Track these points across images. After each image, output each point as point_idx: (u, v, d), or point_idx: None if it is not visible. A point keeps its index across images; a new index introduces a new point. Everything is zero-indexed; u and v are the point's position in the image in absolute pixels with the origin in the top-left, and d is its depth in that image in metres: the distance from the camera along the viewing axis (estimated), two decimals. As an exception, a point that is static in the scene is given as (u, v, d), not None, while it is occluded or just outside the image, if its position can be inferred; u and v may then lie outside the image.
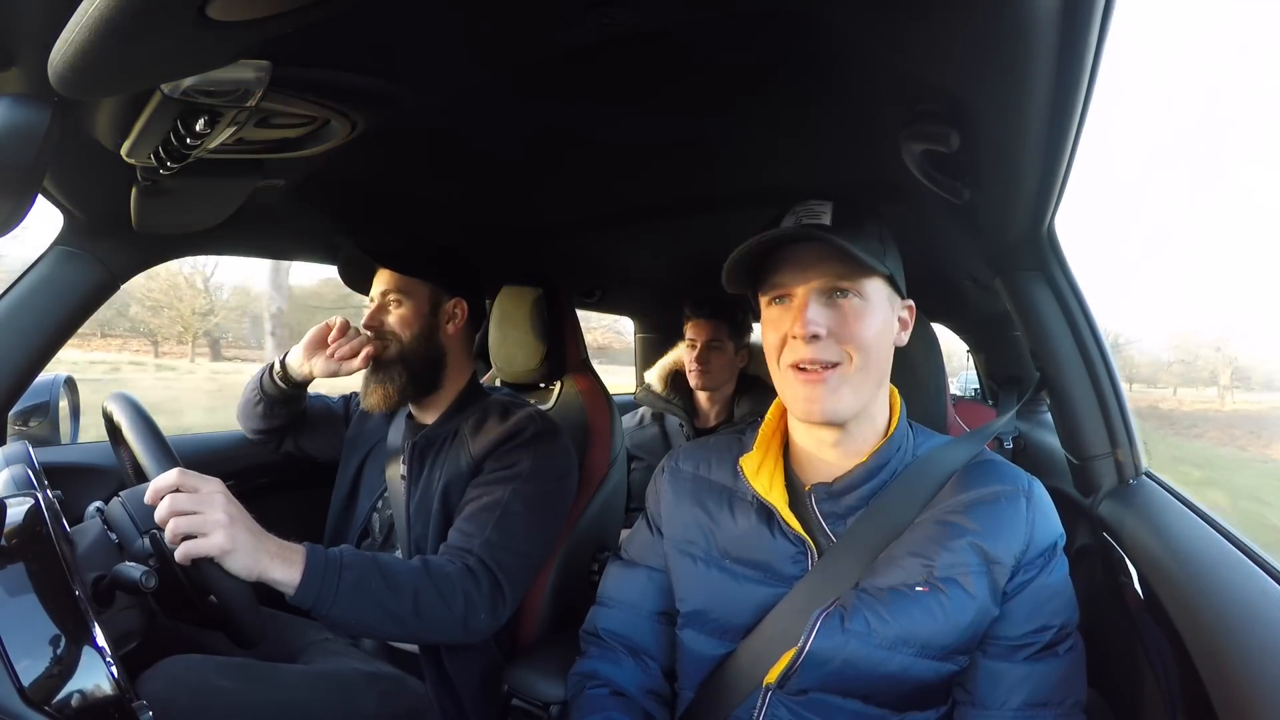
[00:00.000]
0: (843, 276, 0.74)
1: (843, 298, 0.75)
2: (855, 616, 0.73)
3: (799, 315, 0.74)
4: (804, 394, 0.75)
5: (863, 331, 0.74)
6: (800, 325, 0.73)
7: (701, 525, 0.84)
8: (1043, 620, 0.73)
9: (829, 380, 0.74)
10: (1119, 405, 1.06)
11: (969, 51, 0.63)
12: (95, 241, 1.03)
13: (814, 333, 0.73)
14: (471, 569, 0.98)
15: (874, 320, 0.75)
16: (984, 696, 0.74)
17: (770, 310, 0.79)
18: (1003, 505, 0.76)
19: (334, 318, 1.18)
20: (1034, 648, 0.73)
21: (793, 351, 0.75)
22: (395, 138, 0.99)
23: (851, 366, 0.74)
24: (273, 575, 0.82)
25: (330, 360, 1.16)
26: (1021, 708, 0.72)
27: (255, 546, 0.80)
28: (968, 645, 0.74)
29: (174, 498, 0.76)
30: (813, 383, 0.75)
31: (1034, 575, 0.74)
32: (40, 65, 0.48)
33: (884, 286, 0.77)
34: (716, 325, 1.86)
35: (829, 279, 0.74)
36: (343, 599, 0.86)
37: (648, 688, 0.87)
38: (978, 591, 0.72)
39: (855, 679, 0.74)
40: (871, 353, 0.75)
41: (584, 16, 0.65)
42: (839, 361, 0.74)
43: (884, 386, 0.80)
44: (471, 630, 0.98)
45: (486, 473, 1.09)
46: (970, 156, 0.80)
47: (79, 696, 0.62)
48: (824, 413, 0.75)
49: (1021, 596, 0.74)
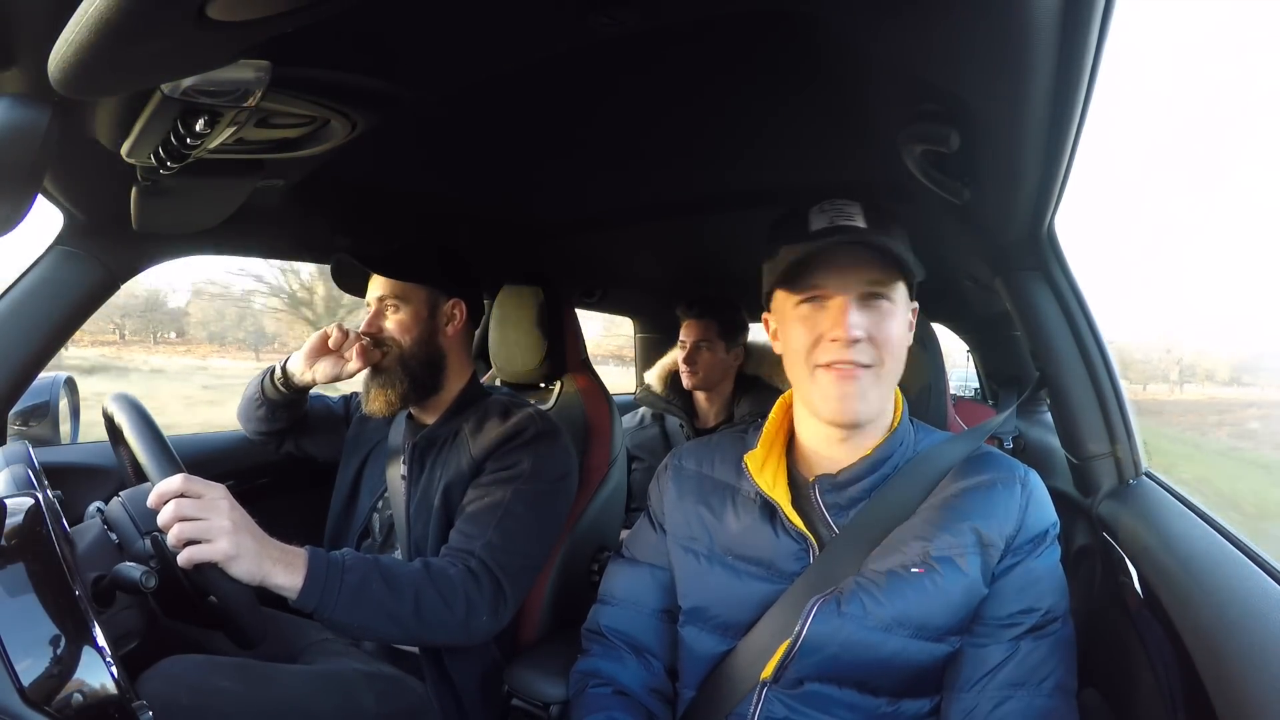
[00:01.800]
0: (879, 281, 0.76)
1: (877, 301, 0.76)
2: (851, 600, 0.74)
3: (840, 319, 0.74)
4: (837, 393, 0.76)
5: (893, 334, 0.76)
6: (843, 329, 0.74)
7: (704, 522, 0.85)
8: (1028, 602, 0.74)
9: (862, 380, 0.75)
10: (1119, 405, 1.06)
11: (969, 51, 0.63)
12: (95, 241, 1.03)
13: (855, 337, 0.74)
14: (473, 571, 0.98)
15: (900, 323, 0.77)
16: (965, 679, 0.74)
17: (800, 309, 0.78)
18: (998, 490, 0.77)
19: (331, 325, 1.17)
20: (1019, 628, 0.74)
21: (827, 352, 0.76)
22: (395, 138, 0.98)
23: (884, 369, 0.76)
24: (276, 580, 0.82)
25: (333, 365, 1.15)
26: (1002, 686, 0.73)
27: (258, 552, 0.81)
28: (960, 625, 0.75)
29: (178, 503, 0.77)
30: (847, 381, 0.75)
31: (1023, 559, 0.75)
32: (40, 65, 0.48)
33: (904, 289, 0.79)
34: (706, 325, 1.86)
35: (866, 282, 0.75)
36: (345, 602, 0.86)
37: (650, 686, 0.87)
38: (970, 569, 0.73)
39: (851, 665, 0.74)
40: (899, 356, 0.78)
41: (584, 16, 0.65)
42: (872, 364, 0.76)
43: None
44: (473, 632, 0.97)
45: (487, 473, 1.09)
46: (970, 156, 0.80)
47: (79, 696, 0.62)
48: (856, 412, 0.76)
49: (1009, 578, 0.75)
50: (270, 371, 1.25)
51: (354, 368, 1.14)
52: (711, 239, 1.74)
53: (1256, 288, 63.27)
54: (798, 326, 0.78)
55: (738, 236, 1.62)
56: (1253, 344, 29.48)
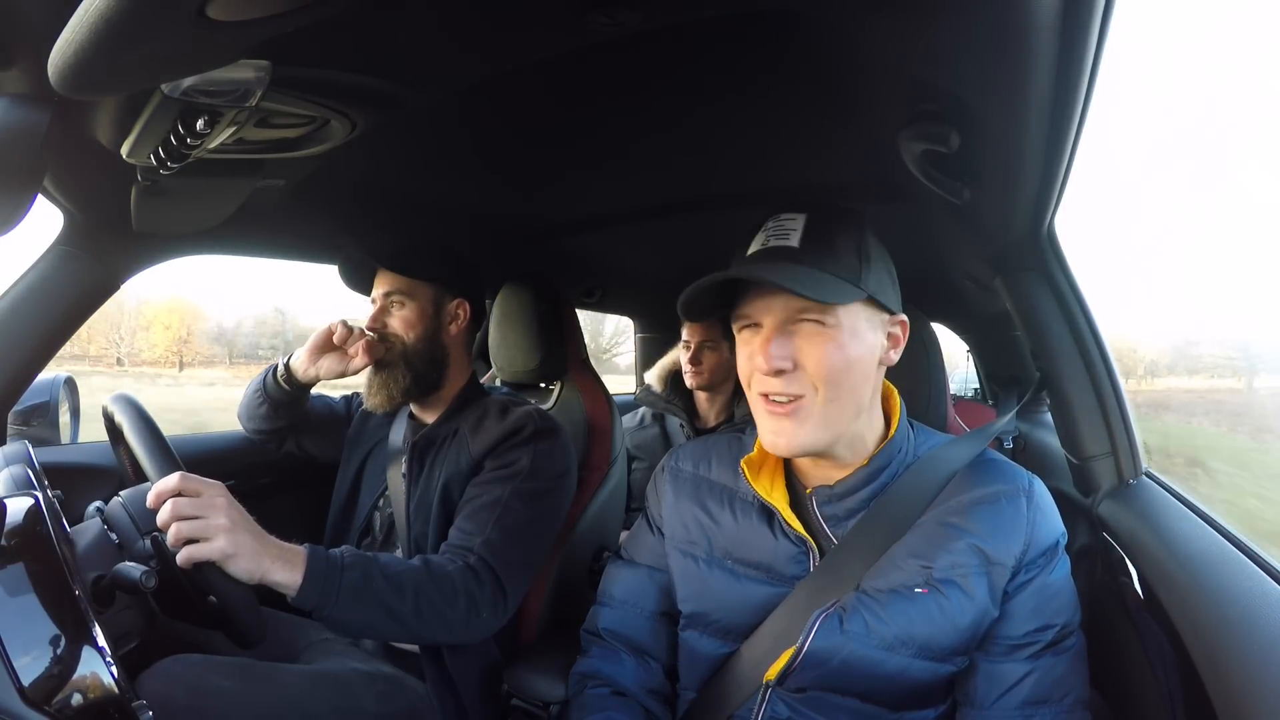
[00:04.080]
0: (808, 307, 0.70)
1: (810, 325, 0.71)
2: (854, 617, 0.73)
3: (763, 349, 0.71)
4: (771, 427, 0.74)
5: (830, 362, 0.70)
6: (764, 359, 0.71)
7: (702, 525, 0.84)
8: (1045, 619, 0.73)
9: (795, 414, 0.72)
10: (1119, 405, 1.06)
11: (969, 51, 0.63)
12: (95, 241, 1.03)
13: (777, 367, 0.70)
14: (473, 568, 0.98)
15: (845, 348, 0.71)
16: (983, 697, 0.74)
17: (741, 335, 0.76)
18: (1003, 505, 0.75)
19: (334, 322, 1.18)
20: (1036, 646, 0.73)
21: (759, 383, 0.73)
22: (395, 138, 0.99)
23: (819, 398, 0.71)
24: (275, 578, 0.82)
25: (338, 361, 1.16)
26: (1023, 705, 0.72)
27: (257, 550, 0.80)
28: (967, 646, 0.74)
29: (176, 502, 0.77)
30: (778, 415, 0.72)
31: (1036, 575, 0.74)
32: (40, 65, 0.48)
33: (862, 308, 0.73)
34: (710, 326, 1.86)
35: (793, 310, 0.71)
36: (344, 600, 0.86)
37: (649, 687, 0.87)
38: (977, 593, 0.72)
39: (853, 678, 0.74)
40: (842, 383, 0.71)
41: (584, 16, 0.65)
42: (803, 394, 0.71)
43: (869, 410, 0.77)
44: (473, 629, 0.97)
45: (486, 470, 1.09)
46: (970, 156, 0.80)
47: (79, 696, 0.62)
48: (790, 447, 0.73)
49: (1023, 596, 0.73)
50: (273, 369, 1.25)
51: (359, 364, 1.15)
52: (711, 239, 1.74)
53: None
54: (740, 353, 0.77)
55: (738, 236, 1.61)
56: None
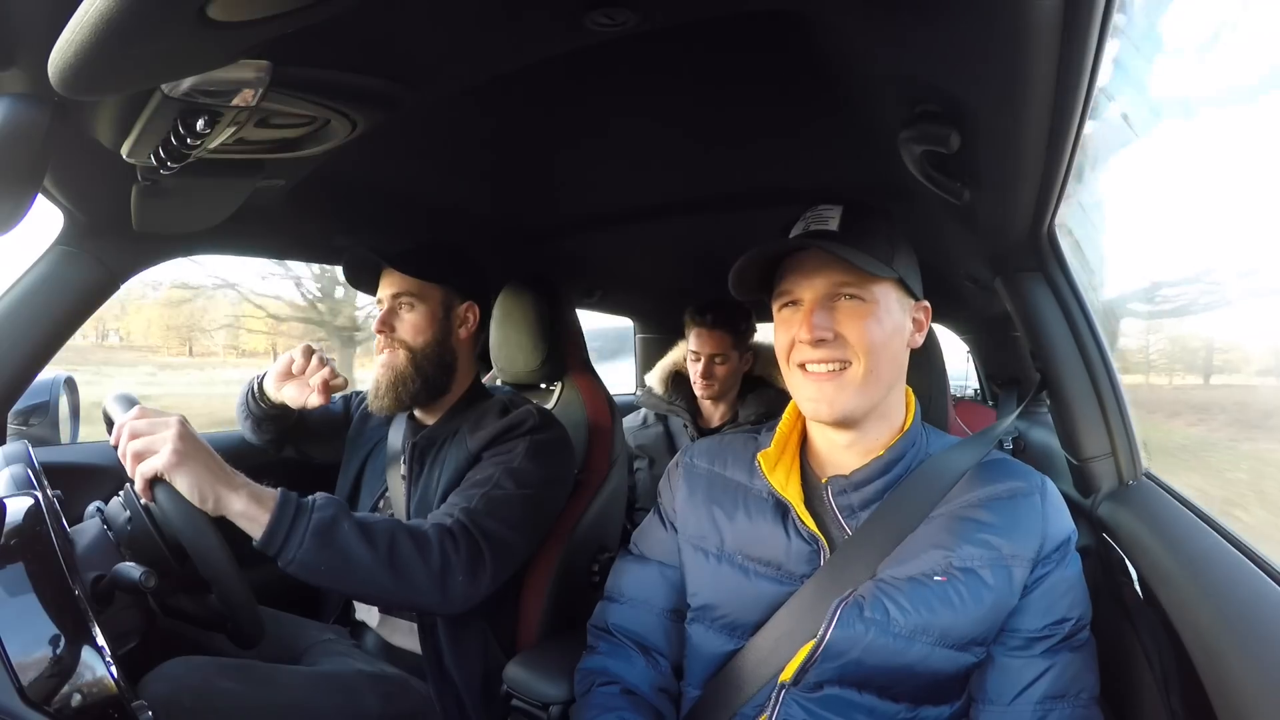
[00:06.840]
0: (848, 282, 0.77)
1: (849, 301, 0.77)
2: (874, 605, 0.74)
3: (806, 320, 0.77)
4: (811, 393, 0.78)
5: (869, 334, 0.76)
6: (806, 329, 0.76)
7: (715, 521, 0.85)
8: (1060, 613, 0.75)
9: (836, 379, 0.77)
10: (1118, 406, 1.06)
11: (969, 52, 0.63)
12: (95, 241, 1.03)
13: (820, 336, 0.76)
14: (450, 530, 0.95)
15: (881, 323, 0.77)
16: (1001, 693, 0.75)
17: (781, 314, 0.82)
18: (1019, 501, 0.77)
19: (297, 347, 1.13)
20: (1052, 640, 0.74)
21: (800, 353, 0.79)
22: (396, 138, 0.99)
23: (860, 367, 0.76)
24: (232, 506, 0.80)
25: (299, 392, 1.11)
26: (1041, 700, 0.73)
27: (209, 469, 0.80)
28: (985, 635, 0.75)
29: (131, 424, 0.79)
30: (820, 381, 0.77)
31: (1051, 569, 0.76)
32: (40, 65, 0.48)
33: (893, 289, 0.79)
34: (720, 338, 1.82)
35: (834, 284, 0.77)
36: (312, 542, 0.83)
37: (658, 685, 0.87)
38: (995, 582, 0.74)
39: (873, 670, 0.74)
40: (880, 355, 0.77)
41: (584, 17, 0.65)
42: (847, 363, 0.77)
43: (897, 387, 0.82)
44: (449, 592, 0.92)
45: (483, 461, 1.09)
46: (970, 157, 0.80)
47: (79, 696, 0.62)
48: (831, 412, 0.77)
49: (1040, 590, 0.75)
50: (252, 385, 1.22)
51: (315, 402, 1.09)
52: (712, 239, 1.74)
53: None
54: (779, 329, 0.82)
55: (738, 236, 1.60)
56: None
